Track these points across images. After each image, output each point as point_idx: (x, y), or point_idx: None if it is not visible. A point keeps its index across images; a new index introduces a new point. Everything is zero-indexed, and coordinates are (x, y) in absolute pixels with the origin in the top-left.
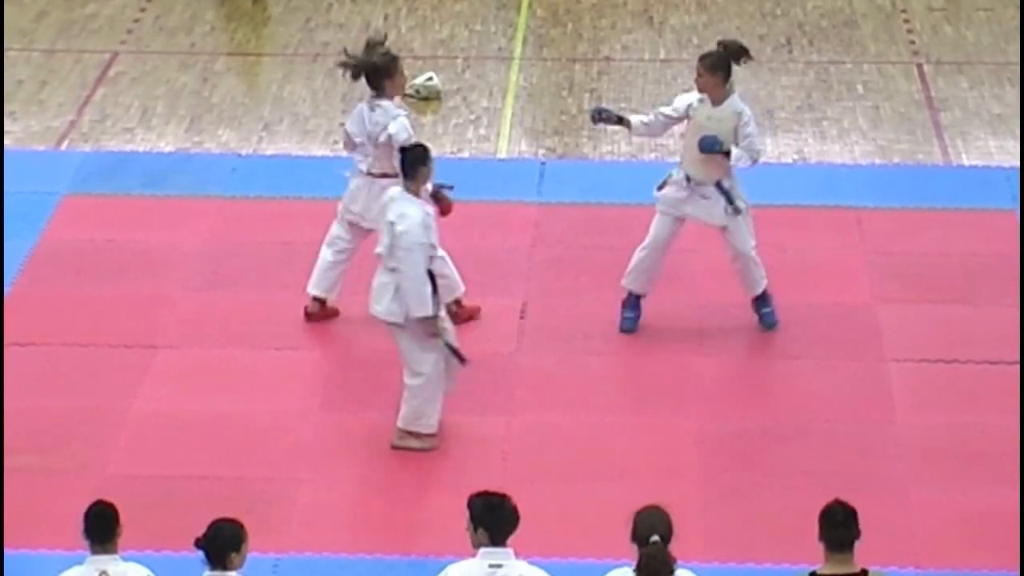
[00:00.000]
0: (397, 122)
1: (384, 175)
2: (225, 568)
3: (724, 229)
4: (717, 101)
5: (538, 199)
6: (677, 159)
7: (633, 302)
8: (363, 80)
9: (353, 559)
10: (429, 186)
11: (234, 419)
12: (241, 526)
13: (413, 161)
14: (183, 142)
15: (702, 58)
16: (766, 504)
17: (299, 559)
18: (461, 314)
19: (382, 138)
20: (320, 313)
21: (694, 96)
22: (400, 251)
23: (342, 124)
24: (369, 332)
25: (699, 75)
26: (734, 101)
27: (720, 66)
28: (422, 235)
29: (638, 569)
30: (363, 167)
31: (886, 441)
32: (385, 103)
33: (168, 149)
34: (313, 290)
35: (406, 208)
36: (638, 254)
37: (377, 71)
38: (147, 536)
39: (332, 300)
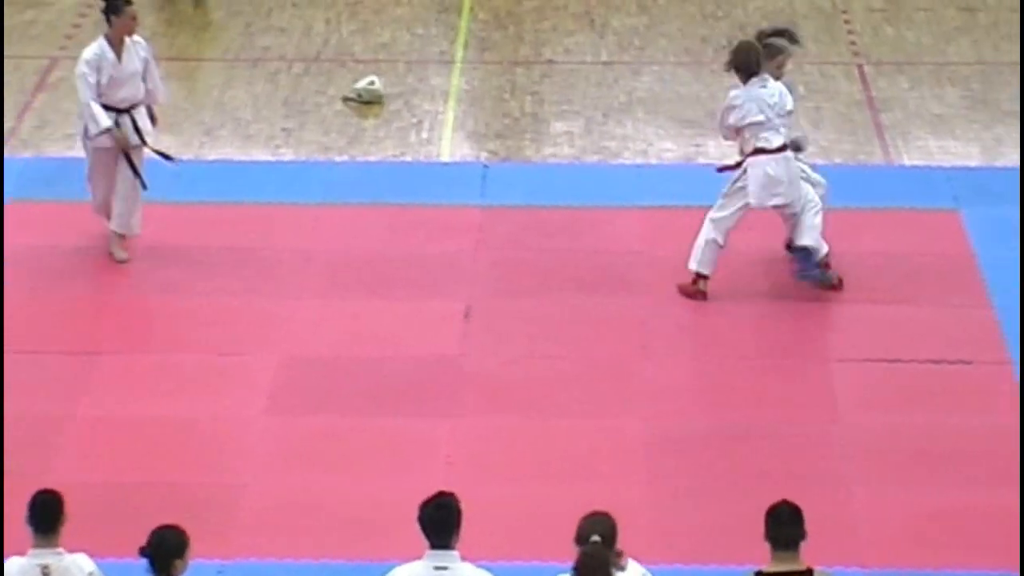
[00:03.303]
0: (789, 92)
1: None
2: (169, 575)
3: None
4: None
5: (481, 202)
6: (620, 162)
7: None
8: (304, 84)
9: (298, 564)
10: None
11: (178, 425)
12: (184, 532)
13: None
14: None
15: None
16: (712, 505)
17: (244, 565)
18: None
19: (789, 106)
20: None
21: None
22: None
23: (284, 129)
24: (313, 336)
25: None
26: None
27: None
28: (86, 70)
29: (575, 568)
30: (775, 143)
31: (830, 441)
32: (768, 78)
33: None
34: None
35: (87, 48)
36: None
37: (758, 57)
38: (91, 542)
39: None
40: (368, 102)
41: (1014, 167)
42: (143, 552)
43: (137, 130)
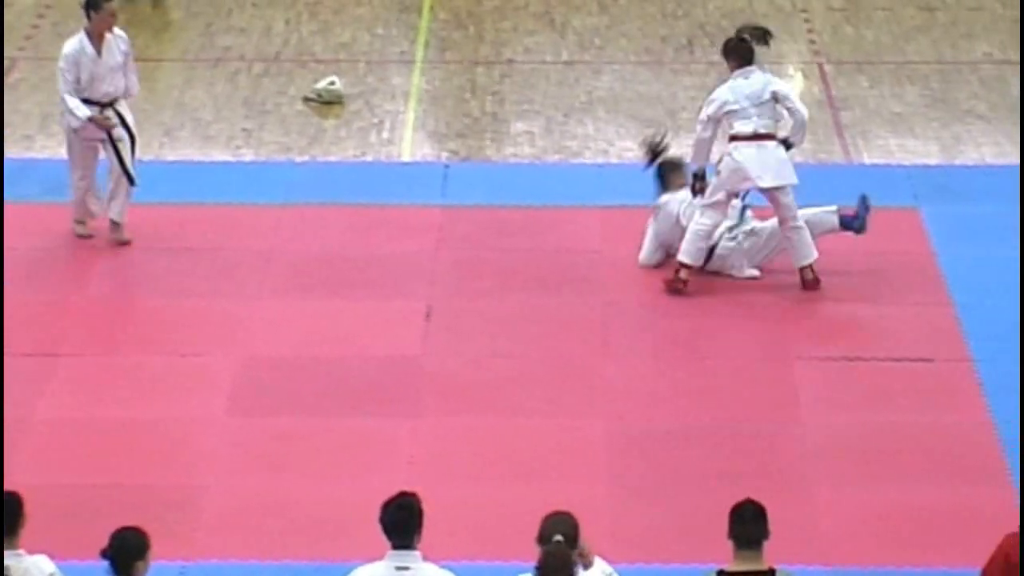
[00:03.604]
0: (781, 82)
1: (771, 136)
2: None
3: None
4: None
5: (442, 202)
6: (580, 161)
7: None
8: (264, 84)
9: (260, 565)
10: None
11: (139, 426)
12: (145, 534)
13: None
14: None
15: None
16: (673, 504)
17: (206, 566)
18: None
19: (765, 96)
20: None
21: None
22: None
23: (244, 129)
24: (274, 337)
25: None
26: None
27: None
28: (64, 65)
29: (538, 567)
30: (747, 130)
31: (791, 440)
32: (754, 70)
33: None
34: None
35: (67, 43)
36: None
37: (746, 50)
38: (51, 544)
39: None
40: (328, 102)
41: (974, 165)
42: (104, 554)
43: (124, 124)
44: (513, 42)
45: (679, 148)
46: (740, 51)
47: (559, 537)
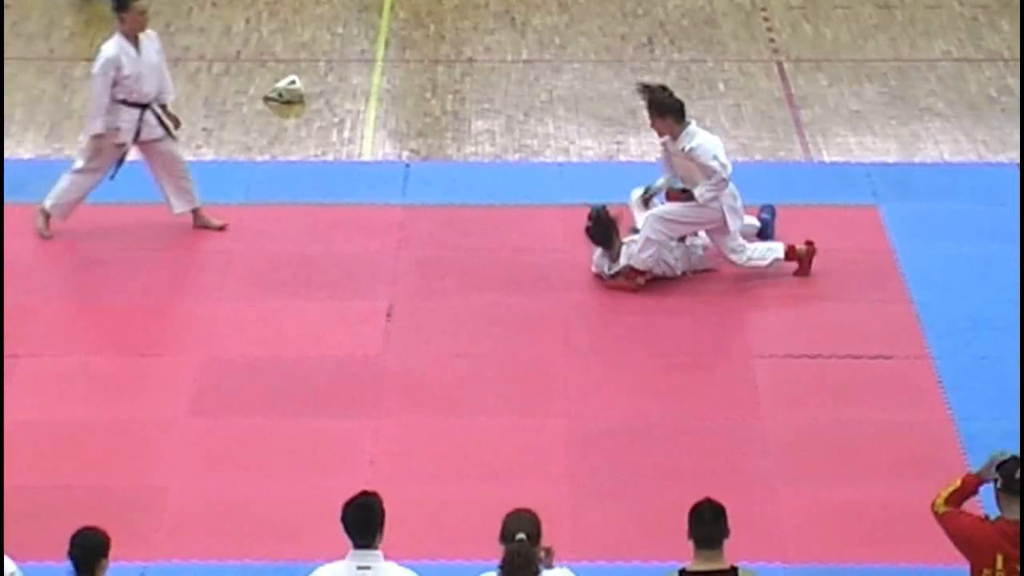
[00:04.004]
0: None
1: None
2: (93, 575)
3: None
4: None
5: (403, 201)
6: (541, 160)
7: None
8: (224, 84)
9: (221, 565)
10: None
11: (99, 428)
12: (105, 533)
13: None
14: (43, 148)
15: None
16: (635, 503)
17: (167, 567)
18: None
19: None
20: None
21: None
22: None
23: (204, 129)
24: (235, 337)
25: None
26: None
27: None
28: (104, 68)
29: (501, 566)
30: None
31: (752, 437)
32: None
33: (27, 156)
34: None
35: (105, 46)
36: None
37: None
38: (12, 546)
39: None
40: (289, 101)
41: (932, 163)
42: (71, 555)
43: (161, 123)
44: (473, 41)
45: (639, 146)
46: (677, 106)
47: (522, 535)
